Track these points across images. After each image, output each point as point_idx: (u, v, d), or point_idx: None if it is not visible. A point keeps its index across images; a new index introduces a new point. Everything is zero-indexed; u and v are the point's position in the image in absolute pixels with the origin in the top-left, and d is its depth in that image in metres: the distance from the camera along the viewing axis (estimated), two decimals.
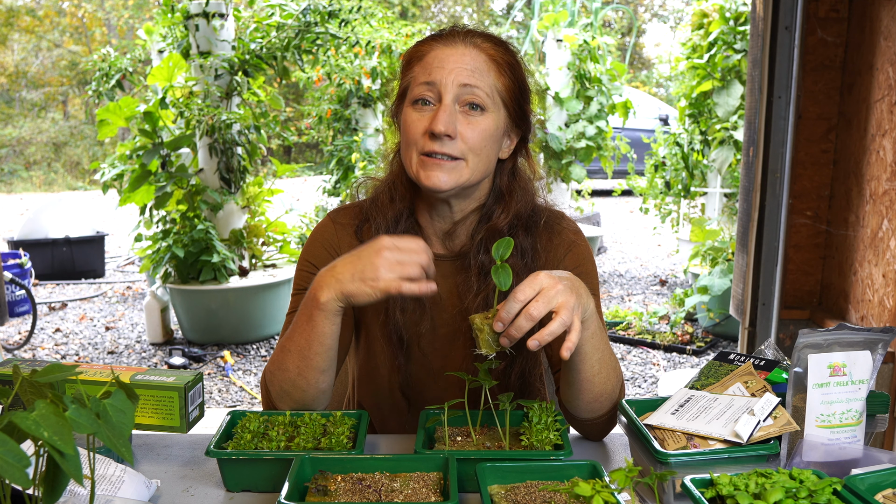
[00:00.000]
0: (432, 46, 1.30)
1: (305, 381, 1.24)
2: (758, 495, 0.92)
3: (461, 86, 1.25)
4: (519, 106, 1.34)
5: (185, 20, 4.89)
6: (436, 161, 1.26)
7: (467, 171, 1.28)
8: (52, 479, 0.74)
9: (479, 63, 1.27)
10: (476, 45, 1.29)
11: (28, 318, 5.81)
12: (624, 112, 7.08)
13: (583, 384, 1.22)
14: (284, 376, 1.25)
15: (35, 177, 16.70)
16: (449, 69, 1.26)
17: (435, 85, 1.26)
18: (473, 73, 1.26)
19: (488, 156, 1.31)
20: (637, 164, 8.18)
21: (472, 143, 1.27)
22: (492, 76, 1.28)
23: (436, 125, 1.24)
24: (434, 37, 1.32)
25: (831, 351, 1.10)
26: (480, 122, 1.27)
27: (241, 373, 4.57)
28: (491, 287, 1.34)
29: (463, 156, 1.27)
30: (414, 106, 1.29)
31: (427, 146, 1.26)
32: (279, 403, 1.29)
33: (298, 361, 1.23)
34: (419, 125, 1.27)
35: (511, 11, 14.06)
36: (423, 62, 1.29)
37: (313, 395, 1.27)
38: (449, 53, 1.27)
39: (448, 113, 1.25)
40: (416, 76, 1.29)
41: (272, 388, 1.29)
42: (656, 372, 4.52)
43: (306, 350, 1.21)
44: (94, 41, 18.09)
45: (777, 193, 2.52)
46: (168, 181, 4.73)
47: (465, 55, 1.27)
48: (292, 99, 13.98)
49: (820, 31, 2.40)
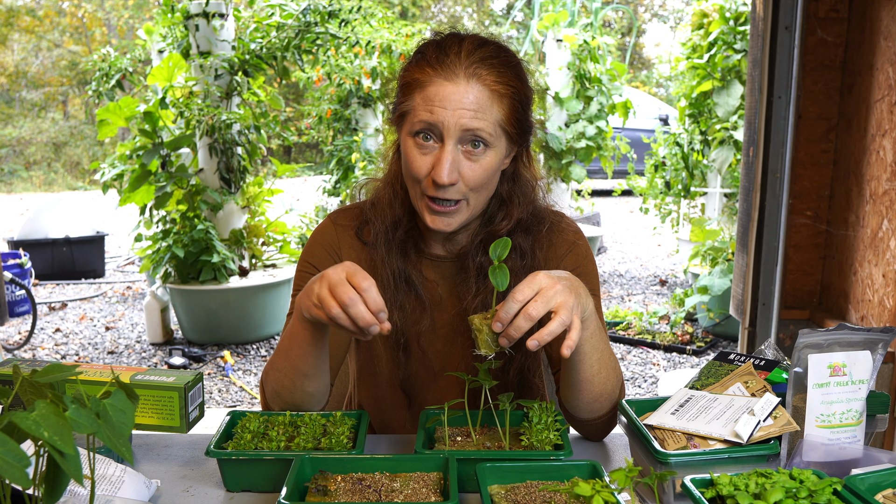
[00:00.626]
0: (433, 79, 1.24)
1: (292, 383, 1.25)
2: (758, 495, 0.92)
3: (464, 130, 1.22)
4: (520, 125, 1.31)
5: (185, 20, 4.89)
6: (440, 208, 1.27)
7: (468, 210, 1.29)
8: (52, 479, 0.74)
9: (482, 100, 1.23)
10: (479, 77, 1.23)
11: (28, 318, 5.81)
12: (624, 112, 7.08)
13: (582, 384, 1.22)
14: (276, 376, 1.27)
15: (35, 177, 16.70)
16: (451, 110, 1.21)
17: (437, 126, 1.23)
18: (476, 113, 1.22)
19: (489, 188, 1.31)
20: (637, 164, 8.18)
21: (474, 184, 1.26)
22: (494, 110, 1.25)
23: (439, 176, 1.22)
24: (433, 63, 1.25)
25: (831, 351, 1.10)
26: (482, 161, 1.25)
27: (241, 373, 4.57)
28: (490, 288, 1.34)
29: (464, 197, 1.27)
30: (415, 139, 1.26)
31: (430, 191, 1.26)
32: (271, 403, 1.31)
33: (286, 363, 1.24)
34: (422, 165, 1.25)
35: (511, 11, 14.07)
36: (424, 94, 1.24)
37: (301, 398, 1.28)
38: (451, 91, 1.22)
39: (451, 160, 1.22)
40: (416, 108, 1.25)
41: (266, 387, 1.31)
42: (656, 372, 4.52)
43: (290, 353, 1.22)
44: (94, 41, 18.09)
45: (777, 193, 2.52)
46: (168, 181, 4.73)
47: (468, 93, 1.22)
48: (292, 99, 13.98)
49: (820, 31, 2.40)
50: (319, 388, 1.28)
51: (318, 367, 1.24)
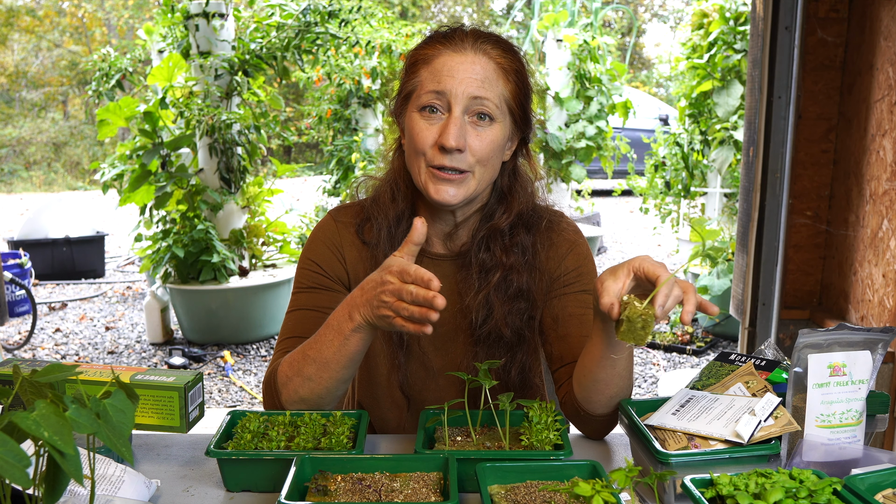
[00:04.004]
0: (440, 51, 1.28)
1: (326, 389, 1.24)
2: (758, 495, 0.92)
3: (472, 98, 1.24)
4: (523, 110, 1.33)
5: (185, 20, 4.89)
6: (445, 176, 1.26)
7: (474, 183, 1.29)
8: (52, 479, 0.74)
9: (488, 72, 1.26)
10: (485, 51, 1.27)
11: (28, 318, 5.81)
12: (624, 112, 7.08)
13: (611, 379, 1.21)
14: (303, 383, 1.24)
15: (35, 177, 16.70)
16: (459, 79, 1.24)
17: (445, 94, 1.25)
18: (483, 83, 1.25)
19: (494, 165, 1.31)
20: (637, 164, 8.18)
21: (481, 154, 1.27)
22: (500, 85, 1.27)
23: (447, 140, 1.23)
24: (441, 39, 1.30)
25: (831, 351, 1.10)
26: (489, 133, 1.27)
27: (241, 373, 4.57)
28: (492, 285, 1.34)
29: (471, 168, 1.27)
30: (421, 113, 1.27)
31: (437, 160, 1.26)
32: (290, 406, 1.28)
33: (322, 371, 1.22)
34: (428, 135, 1.26)
35: (511, 11, 14.06)
36: (431, 67, 1.27)
37: (329, 402, 1.27)
38: (459, 61, 1.26)
39: (458, 126, 1.24)
40: (424, 82, 1.27)
41: (285, 391, 1.27)
42: (656, 372, 4.52)
43: (335, 363, 1.20)
44: (94, 41, 18.09)
45: (777, 193, 2.52)
46: (168, 181, 4.73)
47: (475, 63, 1.26)
48: (292, 99, 13.98)
49: (820, 31, 2.40)
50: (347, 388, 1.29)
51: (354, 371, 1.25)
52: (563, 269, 1.40)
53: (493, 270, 1.35)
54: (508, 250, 1.36)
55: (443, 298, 1.06)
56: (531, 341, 1.41)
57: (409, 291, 1.06)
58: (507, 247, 1.36)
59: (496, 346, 1.37)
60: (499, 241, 1.36)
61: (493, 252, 1.36)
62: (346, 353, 1.19)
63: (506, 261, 1.36)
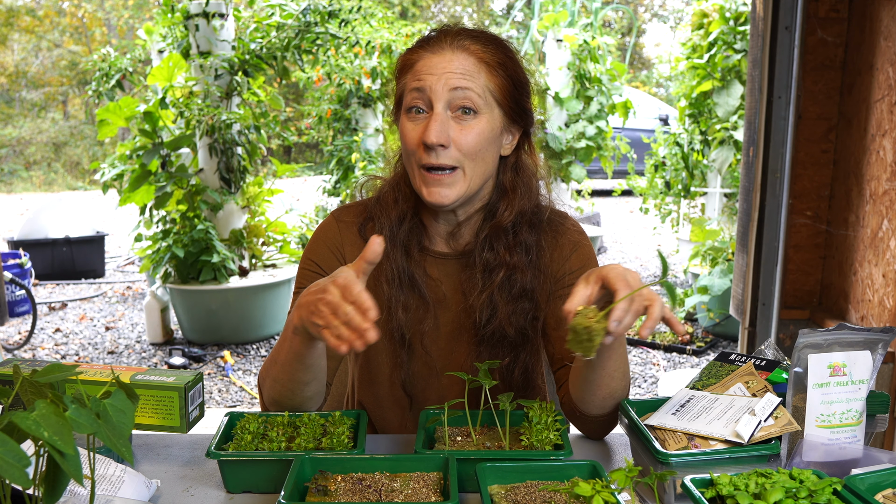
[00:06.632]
0: (420, 55, 1.30)
1: (291, 391, 1.25)
2: (758, 495, 0.92)
3: (451, 90, 1.25)
4: (515, 102, 1.33)
5: (185, 20, 4.89)
6: (435, 177, 1.27)
7: (466, 179, 1.29)
8: (52, 479, 0.74)
9: (468, 66, 1.27)
10: (464, 47, 1.28)
11: (28, 318, 5.81)
12: (624, 112, 7.08)
13: (603, 380, 1.21)
14: (272, 385, 1.27)
15: (35, 177, 16.69)
16: (438, 75, 1.26)
17: (424, 91, 1.26)
18: (463, 76, 1.26)
19: (485, 159, 1.31)
20: (637, 164, 8.17)
21: (467, 148, 1.27)
22: (482, 77, 1.28)
23: (427, 136, 1.24)
24: (422, 43, 1.32)
25: (831, 351, 1.10)
26: (473, 125, 1.27)
27: (241, 373, 4.57)
28: (495, 284, 1.34)
29: (459, 164, 1.27)
30: (408, 115, 1.29)
31: (423, 159, 1.27)
32: (270, 407, 1.31)
33: (282, 374, 1.23)
34: (414, 135, 1.28)
35: (511, 11, 14.07)
36: (413, 70, 1.29)
37: (300, 402, 1.28)
38: (437, 60, 1.27)
39: (439, 122, 1.25)
40: (408, 84, 1.30)
41: (264, 392, 1.31)
42: (656, 372, 4.52)
43: (287, 365, 1.21)
44: (94, 41, 18.08)
45: (777, 193, 2.52)
46: (168, 181, 4.73)
47: (453, 60, 1.27)
48: (292, 99, 13.97)
49: (820, 31, 2.40)
50: (318, 389, 1.28)
51: (317, 372, 1.24)
52: (567, 269, 1.40)
53: (497, 270, 1.35)
54: (512, 249, 1.36)
55: (376, 333, 1.01)
56: (534, 342, 1.41)
57: (344, 312, 1.02)
58: (511, 246, 1.36)
59: (500, 345, 1.37)
60: (502, 240, 1.36)
61: (496, 251, 1.36)
62: (293, 355, 1.18)
63: (509, 260, 1.35)
